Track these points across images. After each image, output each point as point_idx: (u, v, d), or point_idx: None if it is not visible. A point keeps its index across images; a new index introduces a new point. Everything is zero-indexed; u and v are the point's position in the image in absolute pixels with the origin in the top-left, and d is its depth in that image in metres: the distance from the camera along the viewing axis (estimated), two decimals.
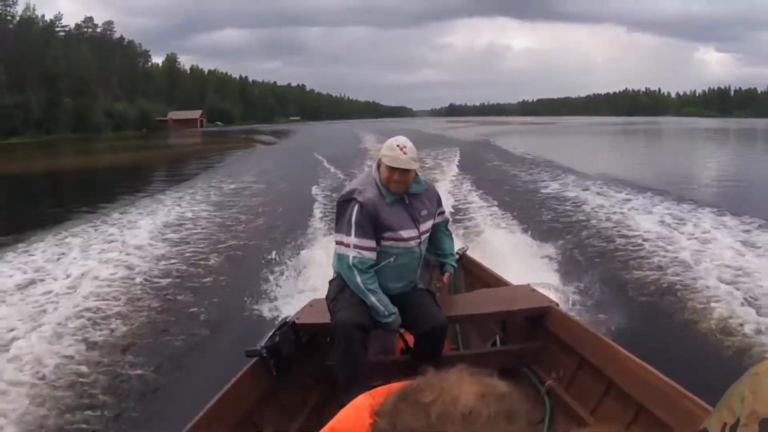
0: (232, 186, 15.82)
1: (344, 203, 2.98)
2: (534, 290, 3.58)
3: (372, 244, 2.91)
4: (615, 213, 9.94)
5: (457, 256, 3.93)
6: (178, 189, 15.48)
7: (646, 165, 23.07)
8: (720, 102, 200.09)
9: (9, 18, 76.98)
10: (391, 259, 2.96)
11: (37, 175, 26.10)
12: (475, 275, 4.30)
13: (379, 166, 2.98)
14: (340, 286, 2.97)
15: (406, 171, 2.89)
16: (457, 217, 9.41)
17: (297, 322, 3.15)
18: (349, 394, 2.03)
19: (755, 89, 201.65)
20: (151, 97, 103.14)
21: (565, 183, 14.33)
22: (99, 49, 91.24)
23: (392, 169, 2.88)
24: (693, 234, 8.10)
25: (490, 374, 0.77)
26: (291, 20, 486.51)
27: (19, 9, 78.06)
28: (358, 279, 2.88)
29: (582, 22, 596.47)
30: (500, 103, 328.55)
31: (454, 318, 3.35)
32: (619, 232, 8.50)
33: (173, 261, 7.57)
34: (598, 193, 12.28)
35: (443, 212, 3.31)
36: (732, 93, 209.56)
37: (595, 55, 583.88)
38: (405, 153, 2.87)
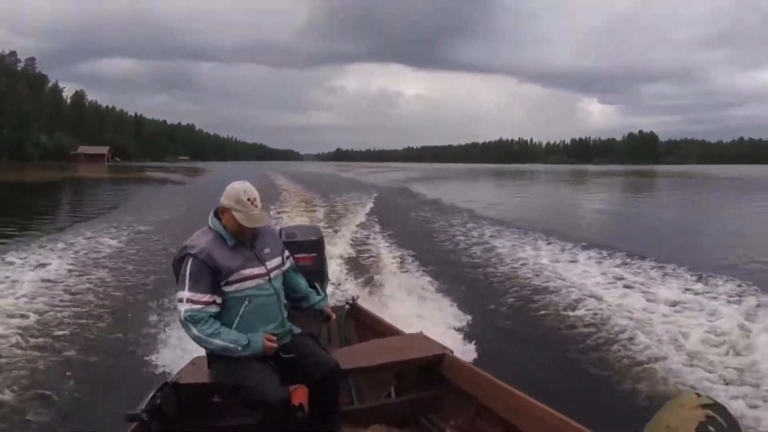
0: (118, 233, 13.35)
1: (178, 262, 2.80)
2: (427, 338, 3.53)
3: (206, 297, 2.70)
4: (507, 254, 9.95)
5: (347, 306, 4.33)
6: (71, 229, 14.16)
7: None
8: (581, 151, 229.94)
9: None
10: (246, 302, 2.79)
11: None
12: (367, 325, 4.23)
13: (218, 212, 2.82)
14: (231, 359, 2.73)
15: None
16: (350, 264, 9.15)
17: (179, 382, 2.94)
18: None
19: (614, 139, 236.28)
20: (61, 130, 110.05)
21: (456, 224, 14.47)
22: (28, 83, 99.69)
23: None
24: (587, 272, 8.26)
25: None
26: (182, 54, 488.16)
27: None
28: (194, 331, 2.69)
29: (475, 72, 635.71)
30: (386, 149, 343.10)
31: (347, 372, 3.11)
32: (512, 272, 8.56)
33: (49, 309, 6.63)
34: (492, 236, 12.29)
35: (289, 256, 3.17)
36: (591, 143, 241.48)
37: (484, 105, 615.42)
38: (256, 206, 2.77)
